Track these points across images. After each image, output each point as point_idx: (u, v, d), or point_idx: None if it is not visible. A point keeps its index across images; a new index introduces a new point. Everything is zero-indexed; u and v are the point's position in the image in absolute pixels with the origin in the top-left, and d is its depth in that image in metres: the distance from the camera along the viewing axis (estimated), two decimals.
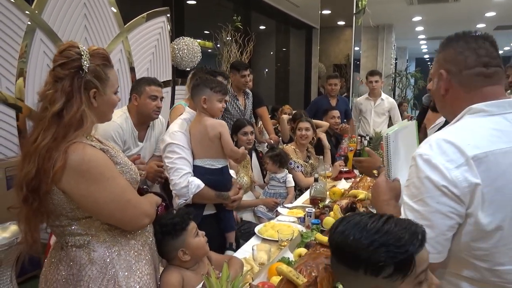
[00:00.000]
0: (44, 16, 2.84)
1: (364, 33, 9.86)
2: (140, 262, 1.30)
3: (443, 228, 0.99)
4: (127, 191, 1.25)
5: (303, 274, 1.35)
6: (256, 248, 1.69)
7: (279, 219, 2.37)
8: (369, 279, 0.80)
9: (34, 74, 2.82)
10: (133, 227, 1.30)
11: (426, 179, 0.99)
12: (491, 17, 9.58)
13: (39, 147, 1.13)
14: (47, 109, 1.16)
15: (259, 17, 7.40)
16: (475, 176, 0.96)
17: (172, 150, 2.12)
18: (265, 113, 4.23)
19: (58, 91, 1.17)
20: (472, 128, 1.03)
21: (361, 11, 6.30)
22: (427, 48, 16.58)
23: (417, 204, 1.01)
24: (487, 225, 0.97)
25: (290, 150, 3.42)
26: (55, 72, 1.19)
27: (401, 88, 12.85)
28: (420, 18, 9.92)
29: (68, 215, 1.20)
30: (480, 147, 0.98)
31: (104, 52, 1.29)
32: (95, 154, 1.19)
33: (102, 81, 1.24)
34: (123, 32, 3.51)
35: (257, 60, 7.45)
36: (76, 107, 1.17)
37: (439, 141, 1.01)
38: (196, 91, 2.16)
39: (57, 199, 1.17)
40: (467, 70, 1.08)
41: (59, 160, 1.12)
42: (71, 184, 1.14)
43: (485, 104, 1.04)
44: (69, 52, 1.19)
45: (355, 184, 2.69)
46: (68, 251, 1.24)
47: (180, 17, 5.02)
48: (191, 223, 1.57)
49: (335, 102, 4.70)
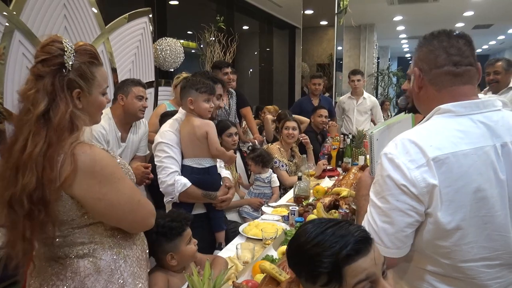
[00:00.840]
0: (22, 17, 2.79)
1: (347, 32, 9.96)
2: (141, 268, 1.27)
3: (401, 225, 1.02)
4: (136, 191, 1.21)
5: (286, 271, 1.37)
6: (240, 247, 1.70)
7: (264, 218, 2.39)
8: (310, 286, 0.82)
9: (13, 76, 2.77)
10: (142, 228, 1.26)
11: (388, 177, 1.02)
12: (469, 17, 9.79)
13: (34, 154, 1.02)
14: (30, 111, 1.05)
15: (242, 17, 7.40)
16: (433, 177, 0.98)
17: (161, 149, 2.16)
18: (249, 113, 4.25)
19: (40, 91, 1.06)
20: (437, 129, 1.05)
21: (342, 11, 6.37)
22: (408, 47, 16.84)
23: (379, 201, 1.05)
24: (447, 224, 1.00)
25: (275, 149, 3.44)
26: (36, 69, 1.09)
27: (383, 87, 13.02)
28: (401, 17, 10.08)
29: (72, 223, 1.12)
30: (441, 149, 1.00)
31: (92, 48, 1.17)
32: (104, 154, 1.12)
33: (87, 80, 1.13)
34: (105, 33, 3.48)
35: (241, 60, 7.46)
36: (63, 108, 1.07)
37: (404, 141, 1.04)
38: (183, 93, 2.21)
39: (65, 206, 1.08)
40: (437, 69, 1.10)
41: (66, 164, 1.03)
42: (83, 188, 1.06)
43: (452, 104, 1.06)
44: (51, 48, 1.08)
45: (338, 182, 2.73)
46: (68, 263, 1.14)
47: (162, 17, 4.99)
48: (187, 229, 1.57)
49: (317, 102, 4.75)
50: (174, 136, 2.19)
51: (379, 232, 1.04)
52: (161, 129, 2.26)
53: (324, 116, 4.23)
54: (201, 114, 2.19)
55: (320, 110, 4.29)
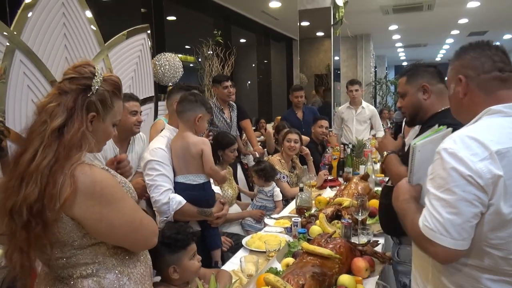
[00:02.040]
0: (23, 37, 2.83)
1: (343, 43, 10.06)
2: (145, 284, 1.26)
3: (468, 215, 1.04)
4: (137, 210, 1.20)
5: (291, 283, 1.37)
6: (244, 259, 1.70)
7: (266, 230, 2.38)
8: None
9: (14, 95, 2.79)
10: (145, 247, 1.25)
11: (452, 169, 1.05)
12: (464, 24, 9.90)
13: (41, 167, 1.04)
14: (46, 123, 1.08)
15: (239, 30, 7.49)
16: (498, 168, 1.03)
17: (152, 167, 2.11)
18: (249, 126, 4.27)
19: (61, 105, 1.10)
20: (492, 126, 1.11)
21: (338, 22, 6.43)
22: (405, 55, 16.98)
23: (444, 194, 1.06)
24: (507, 214, 1.03)
25: (276, 161, 3.45)
26: (62, 84, 1.14)
27: (381, 96, 13.09)
28: (396, 27, 10.18)
29: (74, 244, 1.11)
30: (502, 143, 1.05)
31: (118, 81, 1.24)
32: (104, 174, 1.12)
33: (106, 107, 1.18)
34: (104, 50, 3.52)
35: (239, 73, 7.52)
36: (77, 126, 1.10)
37: (462, 137, 1.08)
38: (191, 107, 2.14)
39: (65, 227, 1.08)
40: (485, 74, 1.17)
41: (66, 185, 1.03)
42: (83, 209, 1.06)
43: (503, 105, 1.13)
44: (83, 69, 1.15)
45: (340, 192, 2.72)
46: (72, 283, 1.14)
47: (160, 33, 5.05)
48: (192, 244, 1.56)
49: (301, 115, 4.72)
50: (165, 154, 2.14)
51: (445, 223, 1.04)
52: (150, 146, 2.20)
53: (324, 127, 4.23)
54: (200, 131, 2.20)
55: (321, 121, 4.26)
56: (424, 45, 13.77)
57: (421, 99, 1.76)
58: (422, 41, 12.99)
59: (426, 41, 13.03)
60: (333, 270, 1.57)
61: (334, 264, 1.59)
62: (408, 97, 1.81)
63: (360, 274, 1.67)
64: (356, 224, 2.13)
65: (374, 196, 2.65)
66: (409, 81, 1.81)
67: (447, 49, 14.74)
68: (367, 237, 2.01)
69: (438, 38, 12.19)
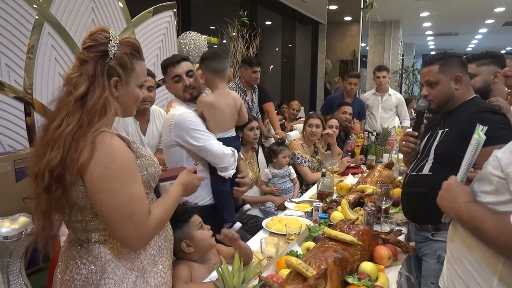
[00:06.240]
0: (52, 9, 2.85)
1: (371, 28, 9.79)
2: (162, 257, 1.26)
3: None
4: (135, 203, 1.11)
5: (312, 267, 1.34)
6: (264, 241, 1.68)
7: (286, 213, 2.36)
8: None
9: (42, 67, 2.83)
10: (122, 243, 1.15)
11: None
12: (500, 13, 9.45)
13: (64, 133, 1.08)
14: (71, 93, 1.12)
15: (265, 12, 7.37)
16: None
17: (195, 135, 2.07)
18: (272, 109, 4.22)
19: (83, 75, 1.12)
20: None
21: (368, 5, 6.25)
22: (434, 44, 16.43)
23: None
24: None
25: (298, 145, 3.41)
26: (81, 55, 1.15)
27: (407, 85, 12.77)
28: (428, 13, 9.82)
29: (92, 209, 1.12)
30: None
31: (135, 42, 1.23)
32: (121, 149, 1.11)
33: (127, 71, 1.18)
34: (130, 26, 3.51)
35: (263, 55, 7.43)
36: (99, 93, 1.12)
37: None
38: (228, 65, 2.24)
39: (82, 191, 1.10)
40: None
41: (85, 150, 1.05)
42: (88, 177, 1.07)
43: None
44: (98, 36, 1.15)
45: (363, 179, 2.67)
46: (90, 247, 1.15)
47: (186, 12, 5.01)
48: (194, 216, 1.56)
49: (351, 102, 4.58)
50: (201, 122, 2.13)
51: None
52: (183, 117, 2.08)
53: (348, 113, 4.15)
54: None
55: (344, 106, 4.18)
56: (456, 34, 13.27)
57: (453, 89, 1.78)
58: (453, 30, 12.52)
59: (458, 30, 12.55)
60: (355, 256, 1.53)
61: (356, 250, 1.55)
62: (440, 86, 1.79)
63: (382, 263, 1.63)
64: (379, 212, 2.08)
65: (397, 185, 2.59)
66: (443, 70, 1.78)
67: (479, 39, 14.18)
68: (390, 226, 1.97)
69: (471, 27, 11.72)
